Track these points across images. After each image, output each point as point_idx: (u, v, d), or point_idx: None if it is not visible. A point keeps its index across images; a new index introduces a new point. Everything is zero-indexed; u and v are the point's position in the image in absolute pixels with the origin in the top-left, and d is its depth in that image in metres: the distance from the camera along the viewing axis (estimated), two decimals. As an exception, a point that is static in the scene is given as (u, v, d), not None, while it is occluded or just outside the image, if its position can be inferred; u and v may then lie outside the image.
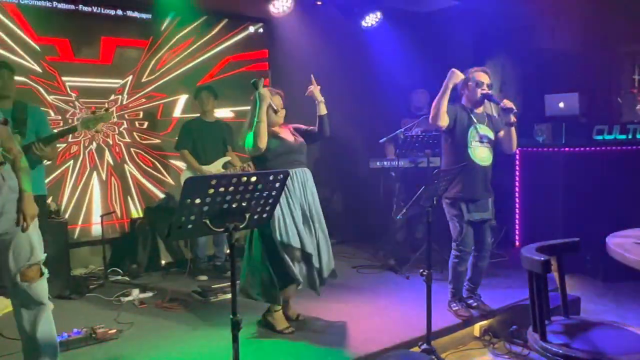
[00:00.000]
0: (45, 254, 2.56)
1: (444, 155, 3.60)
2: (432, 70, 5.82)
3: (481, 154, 3.49)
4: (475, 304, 3.66)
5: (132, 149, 5.14)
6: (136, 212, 5.15)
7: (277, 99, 3.33)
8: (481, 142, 3.49)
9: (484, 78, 3.49)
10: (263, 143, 3.15)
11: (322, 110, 3.35)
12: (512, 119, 3.41)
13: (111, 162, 5.03)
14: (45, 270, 2.54)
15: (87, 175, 4.90)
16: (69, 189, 4.81)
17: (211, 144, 4.65)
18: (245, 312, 3.57)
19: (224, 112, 5.46)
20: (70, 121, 4.76)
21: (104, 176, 4.99)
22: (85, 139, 4.87)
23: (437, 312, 3.46)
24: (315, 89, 3.35)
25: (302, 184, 3.29)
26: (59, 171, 4.74)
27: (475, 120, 3.49)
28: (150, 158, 5.25)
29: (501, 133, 3.60)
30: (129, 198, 5.13)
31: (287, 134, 3.36)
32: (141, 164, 5.19)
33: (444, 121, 3.40)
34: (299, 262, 3.23)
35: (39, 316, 2.52)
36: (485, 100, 3.51)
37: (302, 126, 3.49)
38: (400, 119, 5.30)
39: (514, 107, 3.36)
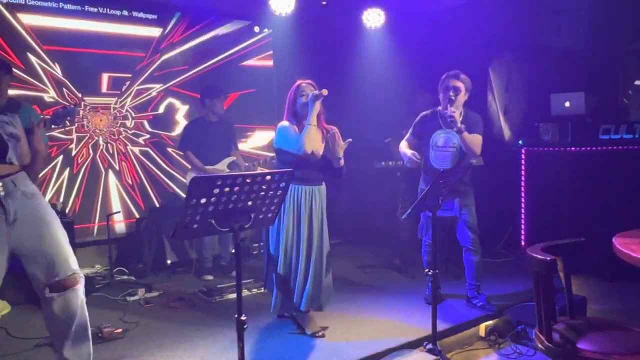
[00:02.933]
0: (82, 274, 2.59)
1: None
2: (436, 70, 5.81)
3: (439, 159, 3.68)
4: (480, 303, 3.68)
5: (138, 150, 5.17)
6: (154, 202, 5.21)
7: (309, 88, 3.24)
8: (444, 147, 3.67)
9: (454, 83, 3.62)
10: (310, 148, 3.10)
11: (342, 162, 3.25)
12: (457, 126, 3.48)
13: (116, 163, 5.06)
14: (82, 280, 2.56)
15: (93, 175, 4.94)
16: (76, 189, 4.84)
17: (215, 144, 4.64)
18: (250, 312, 3.59)
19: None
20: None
21: (110, 177, 5.02)
22: (88, 138, 4.91)
23: (443, 312, 3.47)
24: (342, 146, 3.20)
25: (312, 202, 3.21)
26: (66, 171, 4.77)
27: (441, 126, 3.67)
28: (157, 158, 5.27)
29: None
30: (136, 197, 5.15)
31: (319, 142, 3.21)
32: (148, 164, 5.22)
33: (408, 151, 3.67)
34: (279, 278, 3.26)
35: (75, 316, 2.52)
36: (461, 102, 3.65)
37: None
38: (404, 119, 5.30)
39: (451, 115, 3.47)
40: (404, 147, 3.77)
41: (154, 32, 5.19)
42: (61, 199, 4.66)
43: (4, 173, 2.40)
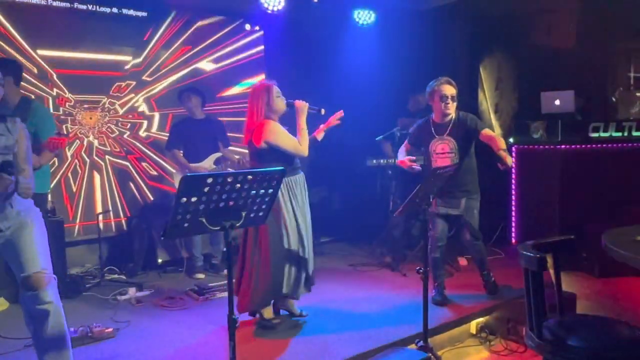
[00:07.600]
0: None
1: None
2: (428, 68, 5.82)
3: (442, 164, 3.69)
4: (483, 280, 3.92)
5: (128, 149, 5.14)
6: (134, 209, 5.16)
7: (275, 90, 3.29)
8: (442, 154, 3.73)
9: (449, 90, 3.64)
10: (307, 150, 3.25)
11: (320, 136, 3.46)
12: (508, 164, 3.52)
13: (107, 161, 5.02)
14: (53, 279, 2.46)
15: (85, 174, 4.90)
16: (66, 188, 4.80)
17: (202, 142, 4.61)
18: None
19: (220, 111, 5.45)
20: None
21: (102, 175, 4.99)
22: (79, 139, 4.87)
23: (434, 310, 3.48)
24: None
25: (302, 191, 3.31)
26: (56, 169, 4.73)
27: (434, 135, 3.74)
28: (147, 157, 5.24)
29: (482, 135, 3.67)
30: (126, 196, 5.12)
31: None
32: (138, 163, 5.19)
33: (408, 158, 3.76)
34: (295, 268, 3.26)
35: (46, 318, 2.42)
36: (454, 107, 3.68)
37: None
38: (396, 117, 5.30)
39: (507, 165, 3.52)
40: (402, 153, 3.89)
41: (145, 30, 5.15)
42: (49, 197, 4.61)
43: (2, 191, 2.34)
